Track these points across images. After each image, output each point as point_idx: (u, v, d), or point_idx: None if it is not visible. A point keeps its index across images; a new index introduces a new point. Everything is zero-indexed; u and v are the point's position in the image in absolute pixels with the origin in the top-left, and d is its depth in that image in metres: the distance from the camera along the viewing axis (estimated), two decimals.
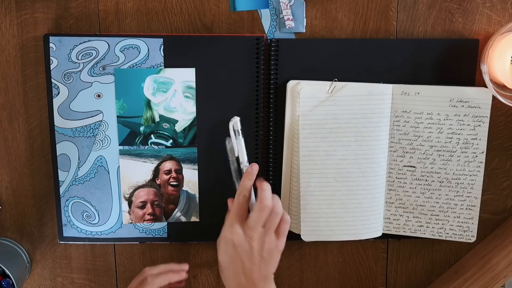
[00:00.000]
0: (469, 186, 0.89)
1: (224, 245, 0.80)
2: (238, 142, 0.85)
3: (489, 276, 0.88)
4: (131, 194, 0.90)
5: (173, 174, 0.89)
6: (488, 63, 0.85)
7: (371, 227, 0.91)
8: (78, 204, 0.89)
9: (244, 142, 0.85)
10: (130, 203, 0.90)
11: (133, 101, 0.87)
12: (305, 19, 0.88)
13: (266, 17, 0.88)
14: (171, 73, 0.87)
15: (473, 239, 0.91)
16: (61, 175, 0.89)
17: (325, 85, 0.87)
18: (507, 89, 0.87)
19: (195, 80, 0.87)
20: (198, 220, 0.91)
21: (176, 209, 0.90)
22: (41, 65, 0.87)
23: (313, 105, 0.87)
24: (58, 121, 0.87)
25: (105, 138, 0.88)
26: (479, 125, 0.88)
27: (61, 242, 0.92)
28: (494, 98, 0.86)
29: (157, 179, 0.89)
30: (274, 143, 0.90)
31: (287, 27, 0.88)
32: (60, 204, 0.89)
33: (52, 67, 0.86)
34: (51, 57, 0.85)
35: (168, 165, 0.89)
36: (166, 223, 0.91)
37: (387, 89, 0.88)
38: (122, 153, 0.88)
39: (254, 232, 0.78)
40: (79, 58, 0.85)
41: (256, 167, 0.82)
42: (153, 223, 0.91)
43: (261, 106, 0.88)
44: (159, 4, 0.87)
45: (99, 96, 0.87)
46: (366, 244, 0.96)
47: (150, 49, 0.86)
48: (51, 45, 0.85)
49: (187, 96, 0.87)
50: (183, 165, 0.89)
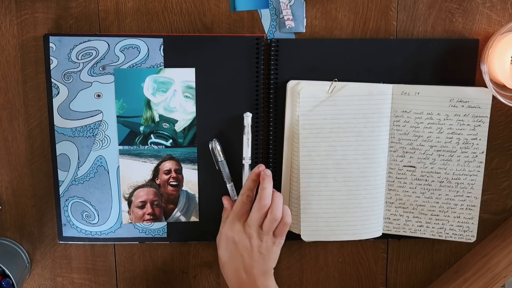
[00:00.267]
0: (469, 186, 0.89)
1: (224, 241, 0.83)
2: (245, 138, 0.87)
3: (489, 276, 0.88)
4: (131, 194, 0.90)
5: (173, 174, 0.89)
6: (488, 63, 0.85)
7: (371, 227, 0.91)
8: (77, 204, 0.89)
9: (250, 139, 0.87)
10: (129, 203, 0.90)
11: (133, 101, 0.87)
12: (305, 19, 0.88)
13: (266, 17, 0.88)
14: (171, 73, 0.86)
15: (473, 239, 0.91)
16: (61, 175, 0.89)
17: (325, 85, 0.87)
18: (507, 89, 0.87)
19: (195, 80, 0.87)
20: (198, 220, 0.91)
21: (176, 209, 0.90)
22: (41, 65, 0.87)
23: (313, 105, 0.87)
24: (58, 121, 0.87)
25: (105, 138, 0.88)
26: (479, 125, 0.87)
27: (60, 242, 0.92)
28: (494, 98, 0.86)
29: (157, 179, 0.89)
30: (274, 143, 0.90)
31: (287, 27, 0.88)
32: (59, 204, 0.89)
33: (52, 67, 0.86)
34: (51, 57, 0.85)
35: (167, 165, 0.89)
36: (165, 223, 0.91)
37: (387, 89, 0.88)
38: (122, 153, 0.88)
39: (253, 230, 0.81)
40: (79, 58, 0.85)
41: (263, 167, 0.83)
42: (152, 223, 0.91)
43: (261, 106, 0.88)
44: (159, 4, 0.87)
45: (99, 96, 0.87)
46: (366, 244, 0.96)
47: (150, 49, 0.86)
48: (51, 45, 0.85)
49: (187, 96, 0.87)
50: (182, 165, 0.89)
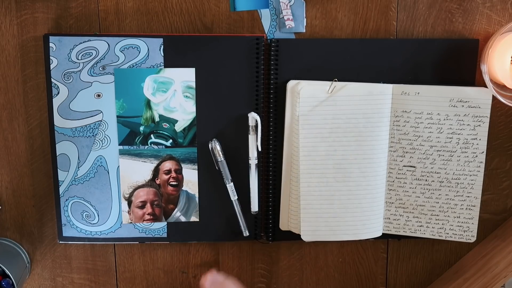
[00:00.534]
0: (469, 186, 0.89)
1: None
2: (250, 138, 0.87)
3: (489, 276, 0.88)
4: (131, 194, 0.90)
5: (173, 174, 0.89)
6: (488, 63, 0.85)
7: (371, 227, 0.91)
8: (77, 204, 0.89)
9: (256, 139, 0.87)
10: (129, 203, 0.90)
11: (133, 101, 0.87)
12: (305, 19, 0.88)
13: (266, 17, 0.88)
14: (171, 73, 0.86)
15: (473, 239, 0.91)
16: (61, 175, 0.89)
17: (325, 85, 0.87)
18: (507, 89, 0.87)
19: (195, 80, 0.87)
20: (198, 220, 0.91)
21: (176, 209, 0.90)
22: (41, 65, 0.87)
23: (313, 105, 0.87)
24: (58, 121, 0.87)
25: (104, 138, 0.88)
26: (479, 125, 0.87)
27: (60, 242, 0.92)
28: (494, 98, 0.86)
29: (157, 179, 0.89)
30: (274, 143, 0.90)
31: (287, 27, 0.88)
32: (59, 204, 0.89)
33: (52, 67, 0.86)
34: (51, 57, 0.85)
35: (168, 165, 0.89)
36: (165, 223, 0.91)
37: (387, 89, 0.88)
38: (122, 153, 0.88)
39: None
40: (79, 58, 0.85)
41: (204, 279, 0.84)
42: (152, 223, 0.91)
43: (261, 106, 0.88)
44: (159, 4, 0.87)
45: (99, 96, 0.87)
46: (366, 244, 0.96)
47: (150, 49, 0.86)
48: (51, 45, 0.85)
49: (187, 96, 0.87)
50: (182, 165, 0.89)
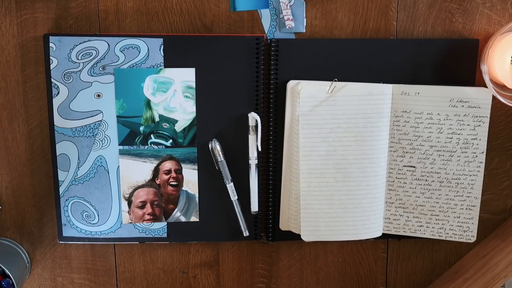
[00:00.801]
0: (469, 186, 0.89)
1: None
2: (251, 138, 0.87)
3: (489, 276, 0.88)
4: (131, 194, 0.90)
5: (173, 174, 0.89)
6: (488, 63, 0.85)
7: (371, 227, 0.91)
8: (77, 204, 0.89)
9: (256, 139, 0.87)
10: (129, 203, 0.90)
11: (133, 101, 0.87)
12: (305, 19, 0.88)
13: (266, 17, 0.88)
14: (171, 73, 0.86)
15: (473, 239, 0.91)
16: (61, 175, 0.89)
17: (325, 85, 0.87)
18: (507, 89, 0.87)
19: (195, 80, 0.87)
20: (198, 220, 0.91)
21: (176, 209, 0.90)
22: (41, 65, 0.87)
23: (313, 105, 0.87)
24: (58, 121, 0.87)
25: (104, 138, 0.88)
26: (479, 125, 0.87)
27: (60, 242, 0.92)
28: (494, 98, 0.86)
29: (157, 179, 0.89)
30: (274, 143, 0.90)
31: (287, 27, 0.88)
32: (59, 204, 0.89)
33: (52, 67, 0.86)
34: (51, 57, 0.85)
35: (168, 165, 0.89)
36: (165, 223, 0.91)
37: (387, 89, 0.88)
38: (122, 153, 0.88)
39: None
40: (79, 58, 0.85)
41: None
42: (152, 223, 0.91)
43: (261, 106, 0.88)
44: (159, 4, 0.87)
45: (99, 96, 0.87)
46: (366, 244, 0.96)
47: (150, 49, 0.86)
48: (51, 45, 0.85)
49: (187, 96, 0.87)
50: (182, 165, 0.89)
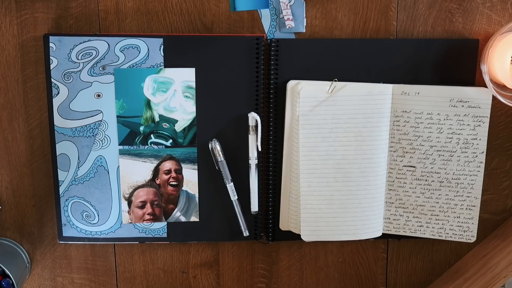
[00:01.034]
0: (469, 186, 0.89)
1: None
2: (251, 138, 0.87)
3: (489, 276, 0.88)
4: (131, 194, 0.90)
5: (173, 174, 0.89)
6: (488, 63, 0.85)
7: (371, 227, 0.91)
8: (77, 204, 0.89)
9: (256, 139, 0.87)
10: (129, 203, 0.90)
11: (133, 101, 0.87)
12: (305, 19, 0.88)
13: (266, 17, 0.88)
14: (171, 73, 0.86)
15: (473, 239, 0.91)
16: (61, 175, 0.89)
17: (325, 85, 0.87)
18: (507, 89, 0.87)
19: (195, 80, 0.87)
20: (198, 220, 0.91)
21: (176, 209, 0.90)
22: (41, 65, 0.87)
23: (313, 105, 0.87)
24: (58, 121, 0.87)
25: (104, 138, 0.88)
26: (479, 125, 0.87)
27: (60, 242, 0.92)
28: (494, 98, 0.86)
29: (157, 179, 0.89)
30: (274, 143, 0.90)
31: (287, 27, 0.88)
32: (59, 204, 0.89)
33: (52, 67, 0.86)
34: (51, 57, 0.85)
35: (168, 165, 0.89)
36: (165, 223, 0.91)
37: (387, 89, 0.88)
38: (122, 153, 0.88)
39: None
40: (79, 58, 0.85)
41: None
42: (152, 223, 0.91)
43: (261, 106, 0.88)
44: (159, 4, 0.87)
45: (99, 96, 0.87)
46: (366, 244, 0.96)
47: (150, 49, 0.86)
48: (51, 45, 0.85)
49: (187, 96, 0.87)
50: (182, 165, 0.89)
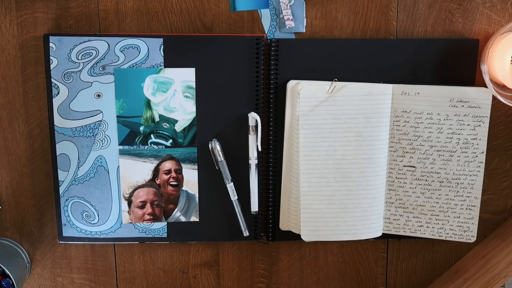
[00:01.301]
0: (469, 186, 0.89)
1: None
2: (251, 138, 0.87)
3: (489, 276, 0.88)
4: (131, 194, 0.90)
5: (173, 174, 0.89)
6: (488, 63, 0.85)
7: (371, 227, 0.91)
8: (77, 204, 0.89)
9: (256, 139, 0.87)
10: (129, 203, 0.90)
11: (133, 101, 0.87)
12: (305, 19, 0.88)
13: (266, 17, 0.88)
14: (171, 73, 0.86)
15: (473, 239, 0.91)
16: (61, 175, 0.89)
17: (325, 85, 0.87)
18: (507, 89, 0.87)
19: (195, 80, 0.87)
20: (198, 220, 0.91)
21: (176, 209, 0.90)
22: (41, 65, 0.87)
23: (313, 105, 0.87)
24: (58, 121, 0.87)
25: (105, 138, 0.88)
26: (479, 125, 0.87)
27: (60, 242, 0.92)
28: (494, 98, 0.86)
29: (157, 179, 0.89)
30: (274, 143, 0.90)
31: (287, 27, 0.88)
32: (59, 204, 0.89)
33: (52, 67, 0.86)
34: (51, 57, 0.85)
35: (168, 165, 0.89)
36: (165, 223, 0.91)
37: (387, 89, 0.88)
38: (122, 153, 0.88)
39: None
40: (79, 58, 0.85)
41: None
42: (152, 223, 0.91)
43: (261, 106, 0.88)
44: (159, 4, 0.87)
45: (99, 96, 0.87)
46: (366, 244, 0.96)
47: (150, 49, 0.86)
48: (51, 45, 0.85)
49: (187, 96, 0.87)
50: (183, 165, 0.89)
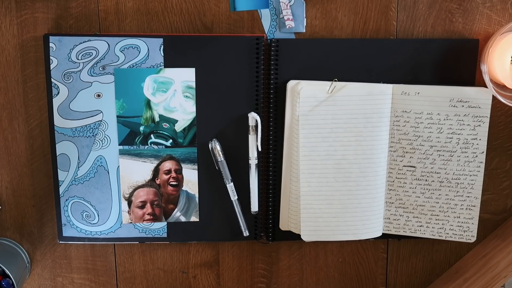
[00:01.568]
0: (469, 186, 0.89)
1: None
2: (251, 138, 0.87)
3: (489, 276, 0.88)
4: (131, 194, 0.90)
5: (173, 174, 0.89)
6: (488, 63, 0.85)
7: (371, 227, 0.91)
8: (77, 204, 0.89)
9: (256, 139, 0.87)
10: (129, 203, 0.90)
11: (133, 101, 0.87)
12: (305, 19, 0.88)
13: (266, 17, 0.88)
14: (171, 73, 0.86)
15: (473, 239, 0.91)
16: (61, 175, 0.89)
17: (325, 85, 0.87)
18: (507, 89, 0.87)
19: (195, 80, 0.87)
20: (198, 220, 0.91)
21: (176, 209, 0.90)
22: (41, 65, 0.87)
23: (313, 105, 0.87)
24: (58, 121, 0.87)
25: (105, 138, 0.88)
26: (479, 125, 0.87)
27: (60, 242, 0.92)
28: (494, 98, 0.86)
29: (157, 179, 0.89)
30: (274, 143, 0.90)
31: (287, 27, 0.88)
32: (59, 204, 0.89)
33: (52, 67, 0.86)
34: (51, 57, 0.85)
35: (168, 165, 0.89)
36: (166, 223, 0.91)
37: (387, 89, 0.88)
38: (122, 153, 0.88)
39: None
40: (79, 58, 0.85)
41: None
42: (152, 223, 0.91)
43: (261, 106, 0.88)
44: (159, 4, 0.87)
45: (99, 96, 0.87)
46: (366, 244, 0.96)
47: (150, 49, 0.86)
48: (51, 45, 0.85)
49: (187, 96, 0.87)
50: (183, 165, 0.89)
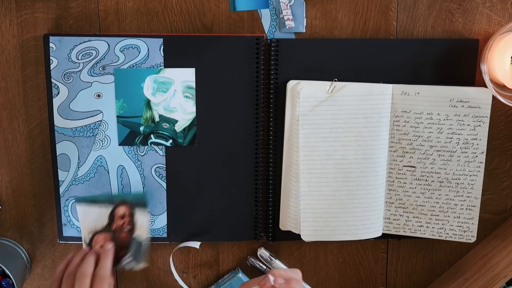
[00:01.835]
0: (469, 186, 0.89)
1: None
2: (275, 265, 0.92)
3: (489, 276, 0.88)
4: (91, 240, 0.86)
5: (127, 219, 0.86)
6: (488, 63, 0.85)
7: (371, 227, 0.91)
8: None
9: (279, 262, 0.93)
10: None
11: (133, 101, 0.87)
12: (305, 19, 0.88)
13: (266, 17, 0.88)
14: (171, 73, 0.87)
15: (473, 239, 0.91)
16: (61, 175, 0.89)
17: (325, 85, 0.87)
18: (507, 89, 0.87)
19: (195, 80, 0.87)
20: (198, 220, 0.91)
21: (127, 255, 0.86)
22: (41, 65, 0.87)
23: (313, 105, 0.87)
24: (58, 121, 0.87)
25: (105, 138, 0.88)
26: (479, 125, 0.87)
27: (61, 242, 0.92)
28: (494, 98, 0.86)
29: (113, 224, 0.86)
30: (274, 143, 0.90)
31: (287, 27, 0.88)
32: (60, 204, 0.89)
33: (52, 67, 0.86)
34: (51, 57, 0.85)
35: (122, 210, 0.86)
36: (166, 223, 0.91)
37: (387, 89, 0.88)
38: (79, 200, 0.86)
39: None
40: (79, 58, 0.85)
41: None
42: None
43: (261, 106, 0.88)
44: (159, 4, 0.87)
45: (99, 96, 0.87)
46: (366, 244, 0.96)
47: (150, 49, 0.86)
48: (51, 45, 0.85)
49: (187, 96, 0.87)
50: (136, 209, 0.86)
